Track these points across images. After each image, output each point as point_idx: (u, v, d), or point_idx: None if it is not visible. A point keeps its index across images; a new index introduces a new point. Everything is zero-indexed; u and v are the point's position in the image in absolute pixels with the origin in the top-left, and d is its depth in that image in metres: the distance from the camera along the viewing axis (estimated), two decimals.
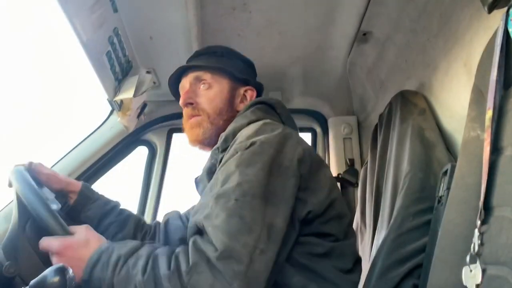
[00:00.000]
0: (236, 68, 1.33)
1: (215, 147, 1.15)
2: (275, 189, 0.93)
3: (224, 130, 1.18)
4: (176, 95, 1.38)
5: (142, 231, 1.35)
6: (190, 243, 0.89)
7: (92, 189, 1.30)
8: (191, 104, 1.27)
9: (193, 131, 1.26)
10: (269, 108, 1.23)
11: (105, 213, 1.27)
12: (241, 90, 1.32)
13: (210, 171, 1.13)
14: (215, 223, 0.87)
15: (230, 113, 1.27)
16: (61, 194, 1.22)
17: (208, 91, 1.28)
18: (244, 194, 0.89)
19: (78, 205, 1.24)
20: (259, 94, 1.37)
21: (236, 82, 1.32)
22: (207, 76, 1.29)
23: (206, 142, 1.26)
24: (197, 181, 1.22)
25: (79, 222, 1.08)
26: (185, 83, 1.32)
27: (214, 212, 0.89)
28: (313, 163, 1.02)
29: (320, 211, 0.99)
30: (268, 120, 1.12)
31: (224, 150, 1.10)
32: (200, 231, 0.91)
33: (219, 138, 1.15)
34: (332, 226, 1.02)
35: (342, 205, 1.07)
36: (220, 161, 1.07)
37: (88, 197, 1.26)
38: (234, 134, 1.11)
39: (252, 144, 0.97)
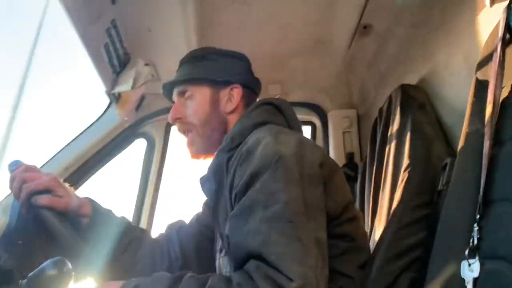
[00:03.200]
0: (217, 70, 1.28)
1: (220, 147, 1.15)
2: (311, 201, 0.92)
3: (215, 139, 1.21)
4: None
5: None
6: (253, 270, 0.84)
7: (100, 209, 1.22)
8: (179, 118, 1.27)
9: (189, 150, 1.29)
10: (274, 109, 1.22)
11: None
12: (226, 91, 1.27)
13: (216, 171, 1.13)
14: (278, 250, 0.84)
15: (217, 119, 1.25)
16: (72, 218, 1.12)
17: (192, 102, 1.27)
18: (294, 214, 0.88)
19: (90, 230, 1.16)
20: (251, 87, 1.32)
21: (218, 85, 1.27)
22: (188, 87, 1.28)
23: (203, 155, 1.27)
24: (203, 181, 1.21)
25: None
26: (174, 97, 1.32)
27: (271, 239, 0.86)
28: (331, 166, 1.03)
29: (337, 214, 1.00)
30: (277, 127, 1.10)
31: (230, 149, 1.09)
32: (248, 258, 0.88)
33: (224, 139, 1.15)
34: (348, 227, 1.02)
35: (355, 206, 1.08)
36: (228, 161, 1.07)
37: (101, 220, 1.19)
38: (240, 134, 1.11)
39: (279, 158, 0.94)
